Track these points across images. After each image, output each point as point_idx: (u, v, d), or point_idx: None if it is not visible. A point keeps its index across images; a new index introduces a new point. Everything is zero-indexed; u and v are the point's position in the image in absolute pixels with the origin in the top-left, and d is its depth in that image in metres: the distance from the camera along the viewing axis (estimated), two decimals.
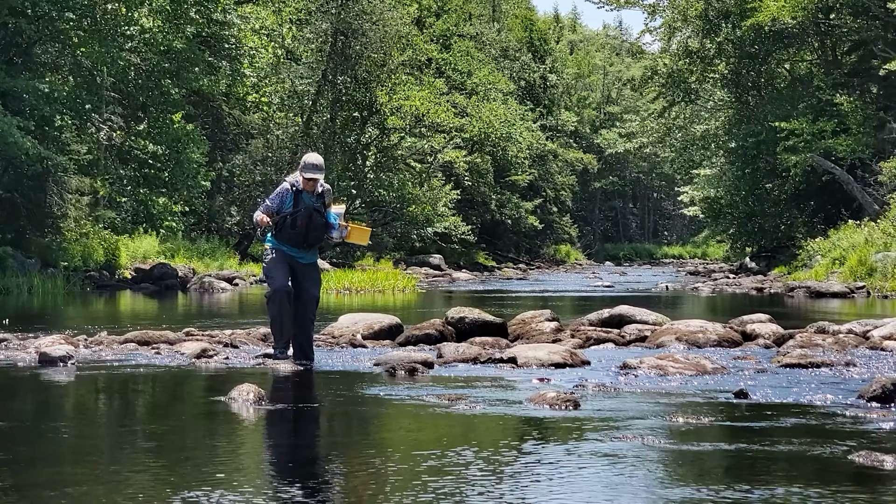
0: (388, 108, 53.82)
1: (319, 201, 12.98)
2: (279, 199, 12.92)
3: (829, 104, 46.50)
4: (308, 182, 12.89)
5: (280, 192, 12.97)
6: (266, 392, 10.02)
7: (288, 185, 12.98)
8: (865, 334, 15.70)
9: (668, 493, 6.50)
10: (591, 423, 8.87)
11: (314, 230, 12.96)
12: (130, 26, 34.05)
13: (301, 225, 12.87)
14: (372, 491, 6.68)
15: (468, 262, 63.84)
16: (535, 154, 78.81)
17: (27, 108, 31.53)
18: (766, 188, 53.24)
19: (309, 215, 12.87)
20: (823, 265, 38.00)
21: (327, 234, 13.22)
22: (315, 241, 13.15)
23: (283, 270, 12.92)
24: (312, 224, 12.91)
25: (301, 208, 12.86)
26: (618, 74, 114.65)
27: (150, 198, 38.49)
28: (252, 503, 6.14)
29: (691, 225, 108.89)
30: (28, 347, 13.78)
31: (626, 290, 36.52)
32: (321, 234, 13.11)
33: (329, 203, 13.13)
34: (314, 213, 12.91)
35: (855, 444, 7.88)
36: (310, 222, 12.89)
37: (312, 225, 12.92)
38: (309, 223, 12.89)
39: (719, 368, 12.16)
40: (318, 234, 13.07)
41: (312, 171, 12.87)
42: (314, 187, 12.93)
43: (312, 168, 12.88)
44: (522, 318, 16.49)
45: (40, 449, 7.91)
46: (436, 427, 9.26)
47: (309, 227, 12.90)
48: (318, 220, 12.95)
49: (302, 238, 12.94)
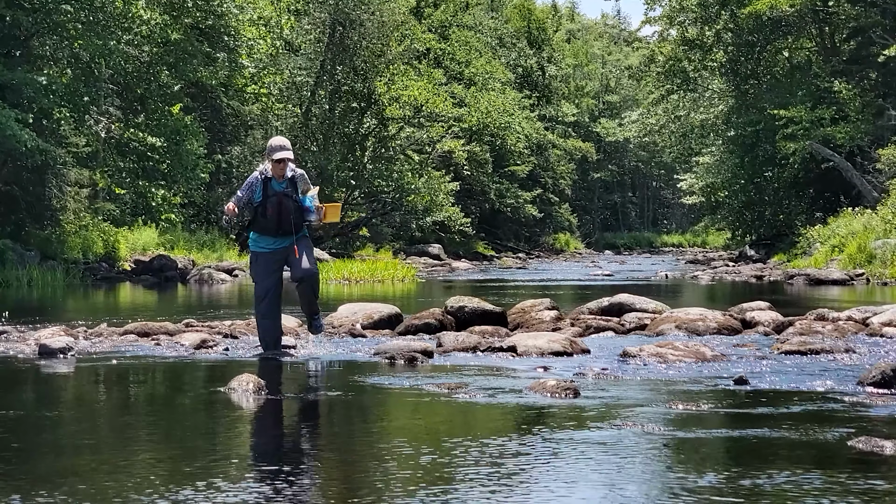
0: (386, 98, 53.79)
1: (290, 187, 12.84)
2: (248, 189, 12.79)
3: (828, 92, 46.49)
4: (277, 165, 12.75)
5: (249, 183, 12.86)
6: (265, 382, 10.02)
7: (256, 173, 12.91)
8: (865, 321, 15.71)
9: (669, 479, 6.51)
10: (591, 411, 8.88)
11: (286, 216, 12.77)
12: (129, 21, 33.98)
13: (272, 213, 12.72)
14: (372, 480, 6.68)
15: (467, 252, 63.85)
16: (534, 144, 78.79)
17: (25, 101, 31.50)
18: (766, 176, 53.21)
19: (279, 202, 12.72)
20: (823, 252, 38.01)
21: (306, 217, 12.99)
22: (290, 228, 12.84)
23: (267, 277, 12.93)
24: (283, 210, 12.74)
25: (270, 196, 12.73)
26: (616, 63, 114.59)
27: (149, 190, 38.47)
28: (252, 493, 6.14)
29: (690, 213, 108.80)
30: (28, 339, 13.79)
31: (625, 279, 36.52)
32: (297, 218, 12.87)
33: (306, 188, 12.98)
34: (283, 199, 12.74)
35: (854, 429, 7.89)
36: (280, 209, 12.73)
37: (283, 211, 12.74)
38: (280, 209, 12.73)
39: (719, 356, 12.17)
40: (294, 219, 12.81)
41: (279, 151, 12.73)
42: (283, 171, 12.80)
43: (279, 149, 12.76)
44: (522, 307, 16.49)
45: (40, 440, 7.91)
46: (436, 416, 9.27)
47: (281, 213, 12.74)
48: (288, 205, 12.76)
49: (275, 226, 12.78)
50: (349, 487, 6.41)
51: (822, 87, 47.55)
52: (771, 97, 50.67)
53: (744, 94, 55.19)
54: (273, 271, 12.95)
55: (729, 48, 55.33)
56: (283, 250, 12.90)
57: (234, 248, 44.07)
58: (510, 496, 6.14)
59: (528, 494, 6.17)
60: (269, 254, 12.91)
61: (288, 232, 12.84)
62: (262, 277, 12.93)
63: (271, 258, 12.93)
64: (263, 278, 12.92)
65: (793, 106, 46.66)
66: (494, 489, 6.29)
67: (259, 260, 12.98)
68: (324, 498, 6.07)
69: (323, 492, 6.23)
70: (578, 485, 6.39)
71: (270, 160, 12.76)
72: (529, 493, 6.19)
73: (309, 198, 12.97)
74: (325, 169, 51.27)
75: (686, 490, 6.21)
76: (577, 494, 6.17)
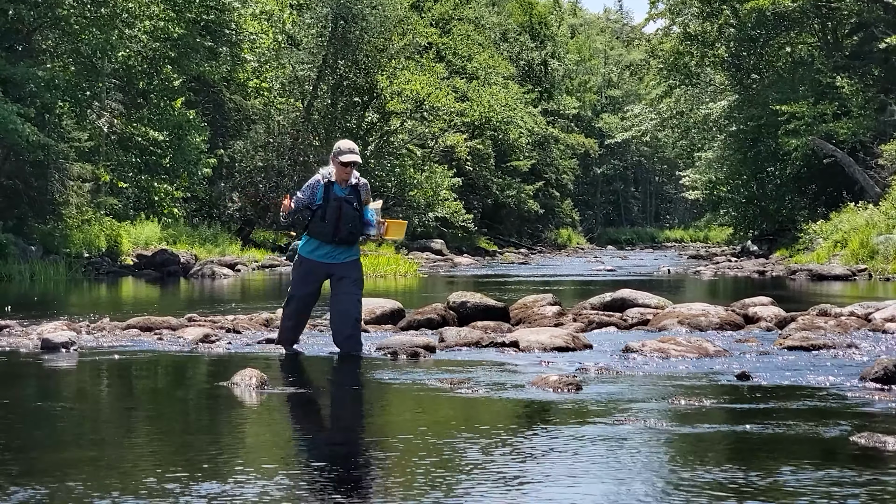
0: (388, 92, 53.77)
1: (353, 194, 12.26)
2: (309, 191, 12.29)
3: (830, 87, 46.48)
4: (342, 169, 12.19)
5: (310, 185, 12.34)
6: (268, 377, 10.03)
7: (319, 176, 12.32)
8: (867, 317, 15.71)
9: (671, 475, 6.51)
10: (593, 405, 8.88)
11: (345, 223, 12.19)
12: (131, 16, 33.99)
13: (331, 217, 12.14)
14: (373, 474, 6.69)
15: (470, 247, 63.84)
16: (537, 139, 78.80)
17: (27, 96, 31.52)
18: (768, 171, 53.22)
19: (339, 207, 12.15)
20: (825, 248, 38.02)
21: (365, 231, 12.45)
22: (348, 237, 12.30)
23: (305, 285, 12.44)
24: (343, 217, 12.17)
25: (331, 200, 12.17)
26: (619, 58, 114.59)
27: (151, 184, 38.49)
28: (253, 487, 6.15)
29: (693, 209, 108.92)
30: (30, 334, 13.79)
31: (627, 274, 36.53)
32: (355, 228, 12.30)
33: (367, 199, 12.40)
34: (344, 205, 12.17)
35: (856, 425, 7.89)
36: (340, 214, 12.15)
37: (343, 217, 12.17)
38: (339, 216, 12.15)
39: (721, 351, 12.17)
40: (351, 227, 12.25)
41: (348, 154, 12.21)
42: (348, 175, 12.24)
43: (348, 152, 12.23)
44: (524, 303, 16.50)
45: (43, 434, 7.91)
46: (438, 411, 9.27)
47: (339, 220, 12.16)
48: (349, 212, 12.20)
49: (332, 232, 12.18)
50: (351, 482, 6.41)
51: (824, 82, 47.53)
52: (773, 92, 50.66)
53: (746, 90, 55.19)
54: (312, 282, 12.47)
55: (731, 43, 55.31)
56: (331, 266, 12.36)
57: (236, 243, 44.11)
58: (512, 491, 6.14)
59: (531, 489, 6.18)
60: (316, 263, 12.38)
61: (343, 241, 12.30)
62: (299, 284, 12.46)
63: (317, 268, 12.39)
64: (301, 286, 12.45)
65: (795, 101, 46.64)
66: (496, 484, 6.30)
67: (303, 265, 12.45)
68: (323, 492, 6.07)
69: (323, 486, 6.23)
70: (580, 480, 6.39)
71: (336, 163, 12.23)
72: (532, 489, 6.20)
73: (371, 210, 12.41)
74: (328, 163, 51.23)
75: (688, 485, 6.22)
76: (580, 490, 6.17)
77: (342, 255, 12.38)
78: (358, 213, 12.30)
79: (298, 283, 12.47)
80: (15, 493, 5.96)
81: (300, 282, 12.46)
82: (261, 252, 44.20)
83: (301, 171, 51.58)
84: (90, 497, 5.90)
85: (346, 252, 12.40)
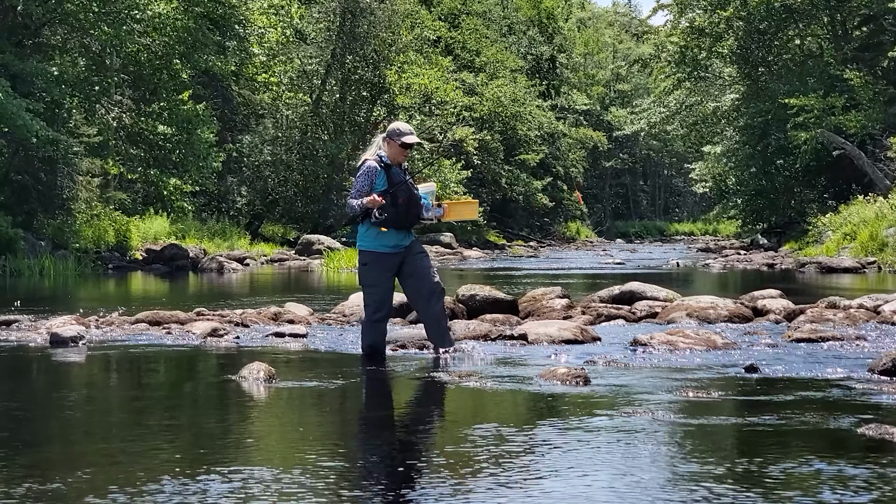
0: (397, 87, 53.77)
1: (408, 175, 11.70)
2: (368, 179, 11.39)
3: (839, 79, 46.37)
4: (402, 151, 11.47)
5: (367, 172, 11.43)
6: (277, 370, 10.04)
7: (373, 162, 11.44)
8: (876, 309, 15.70)
9: (679, 466, 6.51)
10: (601, 398, 8.89)
11: (414, 206, 11.59)
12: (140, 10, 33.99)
13: (404, 201, 11.45)
14: (380, 466, 6.69)
15: (479, 241, 63.84)
16: (546, 132, 78.79)
17: (37, 91, 31.57)
18: (777, 164, 53.16)
19: (408, 189, 11.50)
20: (834, 241, 37.96)
21: (420, 214, 11.80)
22: (415, 220, 11.74)
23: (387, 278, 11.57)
24: (413, 199, 11.55)
25: (399, 182, 11.46)
26: (627, 52, 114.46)
27: (160, 179, 38.53)
28: (262, 480, 6.16)
29: (702, 202, 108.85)
30: (39, 328, 13.82)
31: (636, 267, 36.51)
32: (419, 211, 11.71)
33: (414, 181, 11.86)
34: (410, 187, 11.57)
35: (865, 416, 7.89)
36: (411, 196, 11.53)
37: (413, 200, 11.56)
38: (410, 198, 11.52)
39: (730, 343, 12.17)
40: (418, 211, 11.68)
41: (410, 135, 11.49)
42: (406, 157, 11.63)
43: (409, 133, 11.51)
44: (533, 296, 16.49)
45: (53, 428, 7.94)
46: (447, 404, 9.28)
47: (410, 202, 11.52)
48: (416, 194, 11.62)
49: (405, 216, 11.50)
50: (358, 474, 6.42)
51: (833, 75, 47.44)
52: (782, 85, 50.59)
53: (755, 83, 55.11)
54: (391, 276, 11.65)
55: (739, 36, 55.22)
56: (402, 252, 11.60)
57: (245, 237, 44.15)
58: (520, 483, 6.15)
59: (539, 481, 6.18)
60: (390, 255, 11.55)
61: (411, 224, 11.71)
62: (381, 281, 11.54)
63: (391, 260, 11.57)
64: (383, 282, 11.56)
65: (804, 94, 46.56)
66: (505, 476, 6.30)
67: (379, 261, 11.51)
68: (330, 485, 6.08)
69: (330, 479, 6.24)
70: (589, 472, 6.39)
71: (396, 144, 11.44)
72: (540, 480, 6.20)
73: (424, 194, 11.82)
74: (337, 157, 51.29)
75: (696, 477, 6.22)
76: (588, 481, 6.18)
77: (408, 239, 11.70)
78: (418, 194, 11.72)
79: (381, 281, 11.55)
80: (24, 486, 5.97)
81: (382, 279, 11.55)
82: (269, 246, 44.27)
83: (310, 164, 51.60)
84: (99, 490, 5.91)
85: (410, 235, 11.77)
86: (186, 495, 5.81)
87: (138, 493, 5.83)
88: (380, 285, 11.52)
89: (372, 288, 11.55)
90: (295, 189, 52.44)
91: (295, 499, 5.76)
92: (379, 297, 11.51)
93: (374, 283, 11.53)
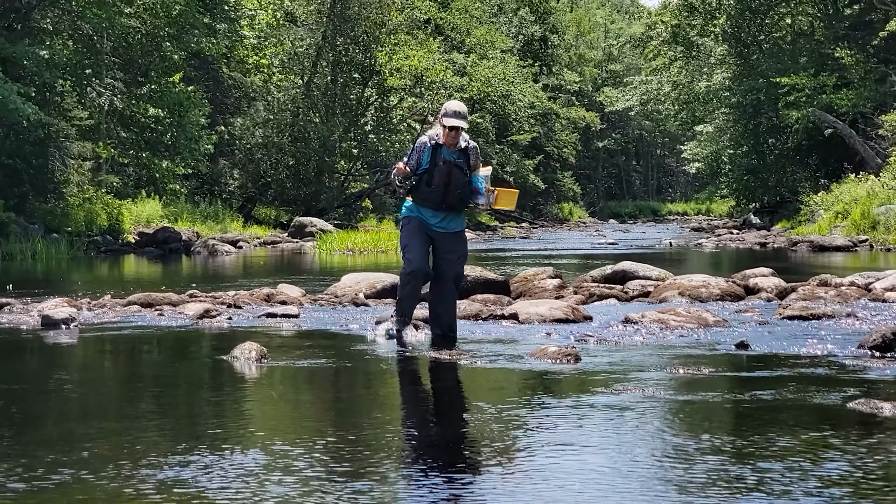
0: (387, 68, 53.70)
1: (462, 158, 11.42)
2: (416, 154, 11.39)
3: (831, 58, 46.39)
4: (449, 133, 11.29)
5: (417, 148, 11.44)
6: (268, 351, 10.05)
7: (426, 138, 11.45)
8: (867, 286, 15.76)
9: (670, 443, 6.53)
10: (592, 376, 8.91)
11: (455, 189, 11.34)
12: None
13: (439, 182, 11.29)
14: (371, 444, 6.71)
15: (470, 222, 63.83)
16: (537, 113, 78.74)
17: (27, 74, 31.49)
18: (769, 143, 53.19)
19: (448, 171, 11.28)
20: (826, 219, 38.05)
21: (473, 199, 11.57)
22: (457, 203, 11.46)
23: (420, 244, 11.43)
24: (453, 181, 11.31)
25: (439, 163, 11.32)
26: (619, 32, 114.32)
27: (152, 161, 38.48)
28: (254, 458, 6.18)
29: (695, 182, 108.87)
30: (31, 311, 13.82)
31: (629, 247, 36.54)
32: (465, 195, 11.45)
33: (476, 164, 11.58)
34: (454, 169, 11.31)
35: (855, 392, 7.93)
36: (449, 179, 11.29)
37: (453, 182, 11.32)
38: (449, 180, 11.29)
39: (721, 321, 12.20)
40: (461, 194, 11.41)
41: (454, 117, 11.29)
42: (456, 139, 11.35)
43: (454, 115, 11.31)
44: (525, 276, 16.52)
45: (46, 408, 7.95)
46: (438, 383, 9.31)
47: (449, 184, 11.30)
48: (459, 177, 11.35)
49: (440, 198, 11.34)
50: (350, 453, 6.43)
51: (824, 53, 47.45)
52: (773, 64, 50.59)
53: (746, 61, 55.10)
54: (427, 239, 11.51)
55: (731, 14, 55.18)
56: (438, 233, 11.51)
57: (237, 220, 44.13)
58: (512, 460, 6.16)
59: (531, 458, 6.20)
60: (426, 223, 11.50)
61: (452, 207, 11.47)
62: (414, 237, 11.49)
63: (425, 228, 11.49)
64: (415, 238, 11.48)
65: (795, 73, 46.57)
66: (497, 454, 6.32)
67: (413, 222, 11.51)
68: (320, 463, 6.10)
69: (320, 458, 6.25)
70: (580, 449, 6.41)
71: (443, 125, 11.38)
72: (532, 457, 6.22)
73: (480, 178, 11.57)
74: (328, 140, 51.26)
75: (688, 452, 6.24)
76: (580, 458, 6.20)
77: (449, 225, 11.55)
78: (468, 178, 11.49)
79: (414, 244, 11.46)
80: (19, 464, 5.98)
81: (415, 242, 11.46)
82: (262, 229, 44.24)
83: (302, 147, 51.56)
84: (91, 468, 5.93)
85: (453, 221, 11.59)
86: (178, 472, 5.82)
87: (130, 472, 5.85)
88: (411, 243, 11.44)
89: (406, 248, 11.53)
90: (287, 171, 52.37)
91: (286, 474, 5.78)
92: (412, 255, 11.41)
93: (408, 241, 11.50)
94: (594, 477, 5.75)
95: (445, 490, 5.53)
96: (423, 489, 5.56)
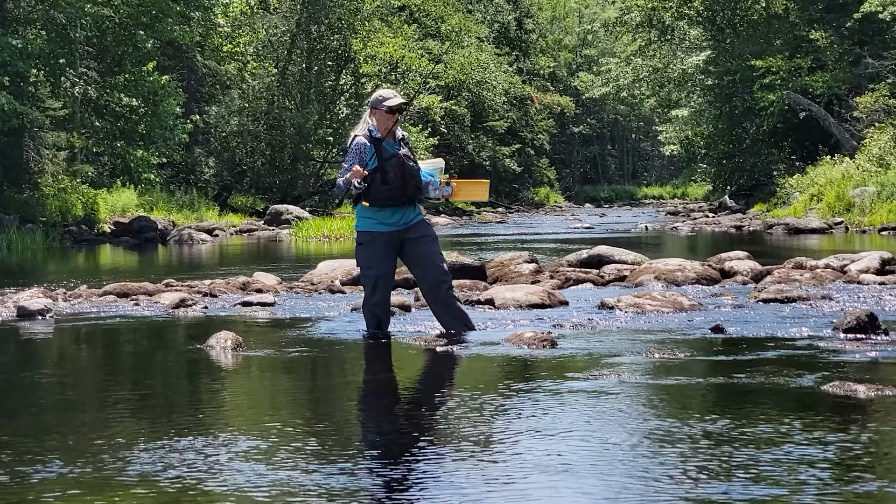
0: (362, 55, 53.64)
1: (405, 147, 10.82)
2: (357, 157, 10.55)
3: (805, 40, 46.46)
4: (389, 117, 10.63)
5: (356, 150, 10.62)
6: (244, 339, 10.05)
7: (361, 138, 10.65)
8: (843, 269, 15.80)
9: (646, 427, 6.54)
10: (568, 361, 8.92)
11: (411, 180, 10.71)
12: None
13: (395, 177, 10.58)
14: (347, 431, 6.71)
15: (446, 207, 63.80)
16: (513, 99, 78.74)
17: (0, 64, 31.37)
18: (744, 126, 53.26)
19: (401, 163, 10.62)
20: (802, 202, 38.16)
21: (424, 192, 10.91)
22: (415, 194, 10.80)
23: (386, 257, 10.75)
24: (408, 173, 10.67)
25: (389, 158, 10.63)
26: (593, 17, 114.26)
27: (127, 151, 38.39)
28: (231, 448, 6.17)
29: (670, 165, 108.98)
30: (7, 302, 13.78)
31: (605, 232, 36.58)
32: (419, 184, 10.81)
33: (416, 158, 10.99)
34: (405, 160, 10.68)
35: (829, 374, 7.95)
36: (404, 171, 10.64)
37: (408, 174, 10.68)
38: (403, 172, 10.63)
39: (696, 305, 12.23)
40: (416, 183, 10.76)
41: (394, 98, 10.71)
42: (395, 125, 10.77)
43: (393, 96, 10.75)
44: (501, 261, 16.52)
45: (21, 400, 7.93)
46: (413, 369, 9.32)
47: (405, 176, 10.64)
48: (411, 167, 10.72)
49: (400, 192, 10.62)
50: (326, 440, 6.43)
51: (799, 35, 47.53)
52: (748, 47, 50.65)
53: (721, 45, 55.14)
54: (391, 257, 10.86)
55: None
56: (402, 231, 10.77)
57: (213, 209, 44.05)
58: (488, 446, 6.17)
59: (506, 444, 6.21)
60: (386, 233, 10.72)
61: (412, 200, 10.82)
62: (376, 261, 10.70)
63: (387, 238, 10.73)
64: (378, 262, 10.71)
65: (770, 55, 46.64)
66: (472, 440, 6.33)
67: (375, 241, 10.70)
68: (295, 452, 6.10)
69: (294, 446, 6.25)
70: (556, 434, 6.42)
71: (381, 111, 10.66)
72: (508, 443, 6.23)
73: (428, 172, 10.96)
74: (304, 127, 51.19)
75: (664, 437, 6.26)
76: (556, 444, 6.20)
77: (411, 215, 10.85)
78: (417, 167, 10.88)
79: (376, 261, 10.71)
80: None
81: (377, 259, 10.72)
82: (238, 217, 44.16)
83: (277, 135, 51.49)
84: (68, 458, 5.92)
85: (414, 211, 10.92)
86: (154, 462, 5.81)
87: (107, 462, 5.84)
88: (374, 267, 10.72)
89: (367, 270, 10.81)
90: (263, 159, 52.31)
91: (261, 462, 5.78)
92: (373, 279, 10.73)
93: (369, 264, 10.77)
94: (570, 462, 5.76)
95: (418, 477, 5.53)
96: (396, 476, 5.56)
